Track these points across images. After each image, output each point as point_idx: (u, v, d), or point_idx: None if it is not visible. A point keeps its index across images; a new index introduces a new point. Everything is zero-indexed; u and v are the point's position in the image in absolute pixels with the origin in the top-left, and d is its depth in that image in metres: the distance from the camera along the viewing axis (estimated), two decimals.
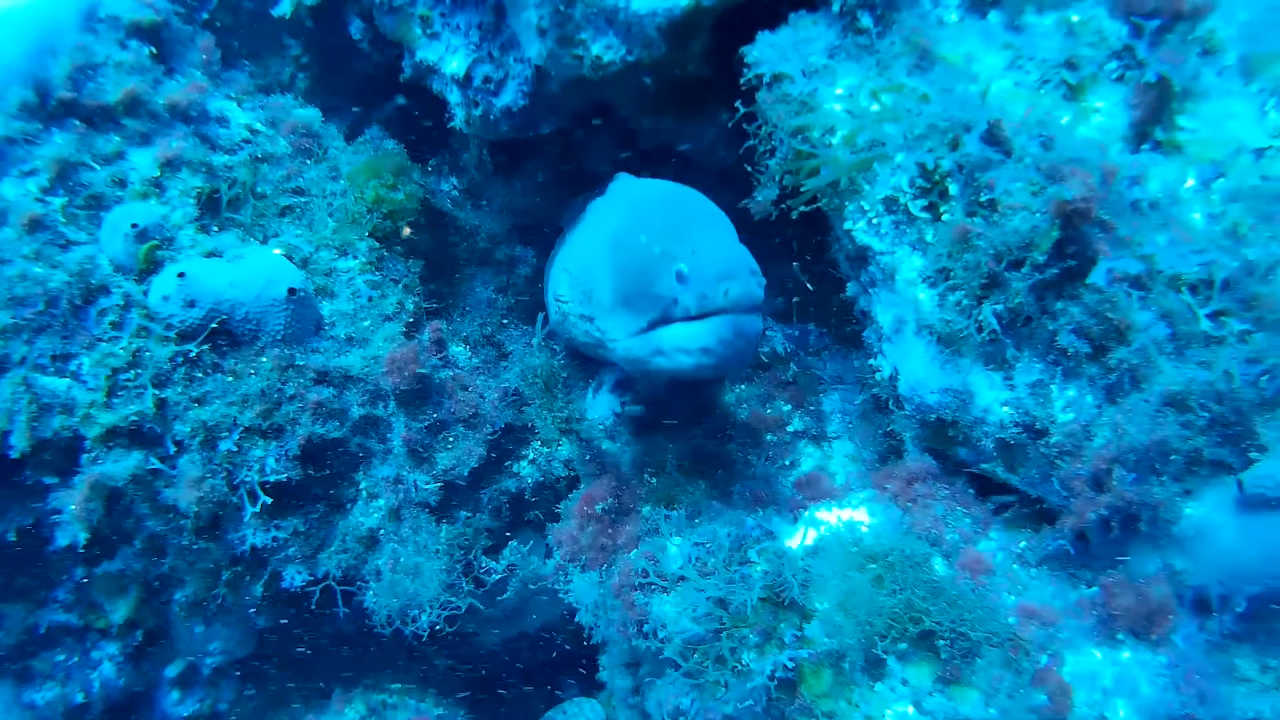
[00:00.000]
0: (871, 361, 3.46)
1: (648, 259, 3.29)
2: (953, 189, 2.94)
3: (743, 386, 4.03)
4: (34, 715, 4.56)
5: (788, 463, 3.77)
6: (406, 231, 4.42)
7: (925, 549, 3.08)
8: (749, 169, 3.33)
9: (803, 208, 3.26)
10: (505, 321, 4.82)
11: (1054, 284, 2.83)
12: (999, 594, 3.00)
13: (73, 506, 3.91)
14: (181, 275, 3.94)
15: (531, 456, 4.36)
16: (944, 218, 2.97)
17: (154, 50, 4.39)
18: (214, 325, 3.99)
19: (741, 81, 3.32)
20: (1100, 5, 3.15)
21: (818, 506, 3.41)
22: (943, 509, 3.25)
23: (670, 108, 3.82)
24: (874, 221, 3.12)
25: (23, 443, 3.95)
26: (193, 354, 4.00)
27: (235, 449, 4.01)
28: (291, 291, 4.04)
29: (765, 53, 3.26)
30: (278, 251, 4.28)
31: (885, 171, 3.07)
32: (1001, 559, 3.11)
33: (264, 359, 4.07)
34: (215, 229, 4.29)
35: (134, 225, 4.02)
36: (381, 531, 4.15)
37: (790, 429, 3.89)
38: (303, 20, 4.92)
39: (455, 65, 3.74)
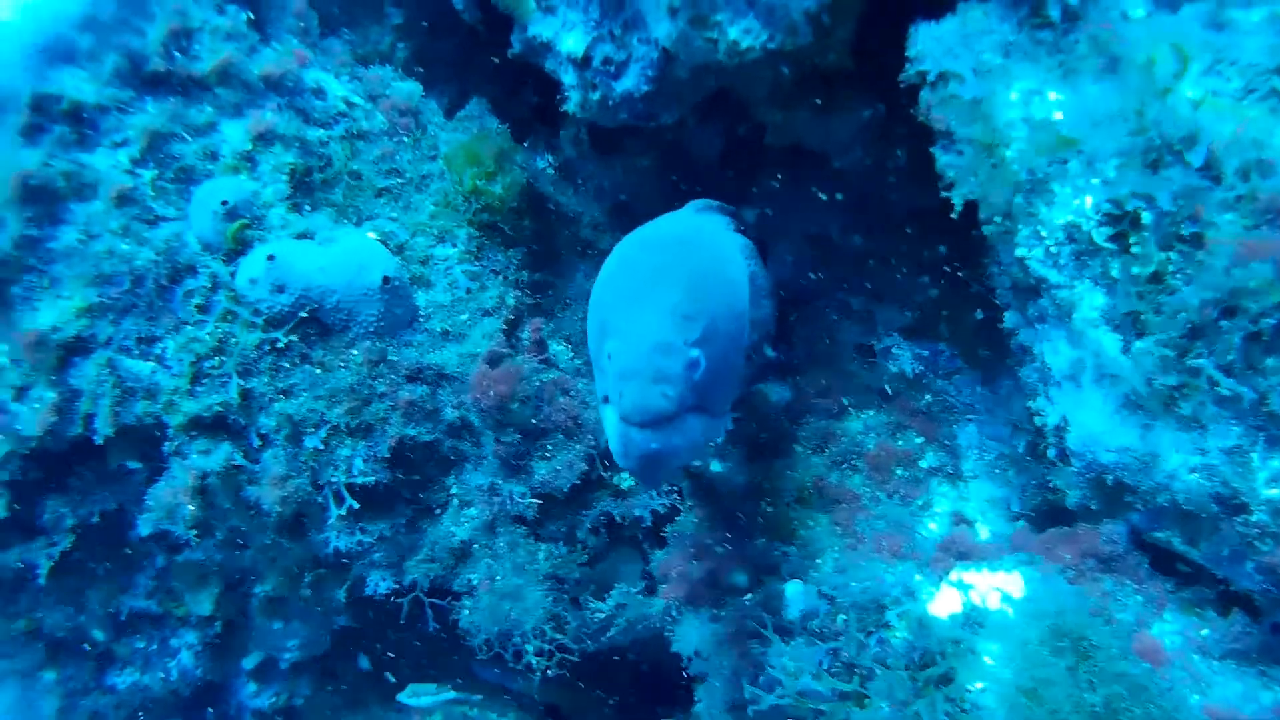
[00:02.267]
0: (1032, 404, 3.01)
1: (597, 326, 2.78)
2: (1146, 218, 2.49)
3: (870, 413, 3.62)
4: (114, 699, 4.48)
5: (920, 504, 3.37)
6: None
7: (1116, 633, 2.62)
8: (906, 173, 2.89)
9: (974, 232, 2.84)
10: None
11: (1265, 336, 2.39)
12: (1182, 691, 2.59)
13: (190, 509, 3.78)
14: (271, 258, 3.71)
15: None
16: (1133, 250, 2.53)
17: (251, 15, 4.12)
18: (303, 314, 3.76)
19: (901, 78, 2.91)
20: None
21: (965, 566, 3.01)
22: (1111, 583, 2.82)
23: (806, 102, 3.42)
24: (1052, 250, 2.67)
25: (106, 428, 3.81)
26: (280, 343, 3.78)
27: (322, 447, 3.79)
28: (386, 280, 3.79)
29: (929, 46, 2.83)
30: (372, 235, 4.00)
31: (1067, 193, 2.63)
32: (1179, 647, 2.70)
33: (354, 351, 3.83)
34: (307, 208, 4.04)
35: (224, 202, 3.80)
36: (475, 545, 3.88)
37: (923, 464, 3.49)
38: None
39: (572, 44, 3.37)
